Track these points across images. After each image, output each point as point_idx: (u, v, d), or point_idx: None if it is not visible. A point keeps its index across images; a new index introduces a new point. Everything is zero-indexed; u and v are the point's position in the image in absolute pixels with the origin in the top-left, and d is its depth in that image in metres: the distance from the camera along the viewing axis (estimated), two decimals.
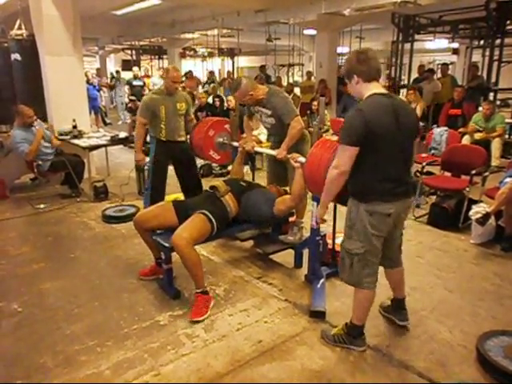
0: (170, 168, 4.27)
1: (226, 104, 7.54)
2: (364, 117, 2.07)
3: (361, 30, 10.87)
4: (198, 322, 2.70)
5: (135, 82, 11.07)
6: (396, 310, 2.68)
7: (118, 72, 14.26)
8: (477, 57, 9.12)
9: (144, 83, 11.28)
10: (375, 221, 2.21)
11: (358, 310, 2.41)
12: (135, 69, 11.90)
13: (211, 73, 13.38)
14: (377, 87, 2.20)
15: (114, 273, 3.41)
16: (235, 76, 13.69)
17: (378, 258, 2.33)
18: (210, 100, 7.95)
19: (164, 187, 4.21)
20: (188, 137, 4.18)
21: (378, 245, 2.28)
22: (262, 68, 12.32)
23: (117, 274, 3.38)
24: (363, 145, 2.09)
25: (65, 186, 5.45)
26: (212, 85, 10.32)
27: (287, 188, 3.51)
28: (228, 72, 13.89)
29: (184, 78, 9.29)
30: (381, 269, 2.47)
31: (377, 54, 2.28)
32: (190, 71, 12.36)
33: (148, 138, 4.91)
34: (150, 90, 11.47)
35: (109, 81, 14.18)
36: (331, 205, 2.41)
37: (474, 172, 4.26)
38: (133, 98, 9.64)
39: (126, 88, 11.85)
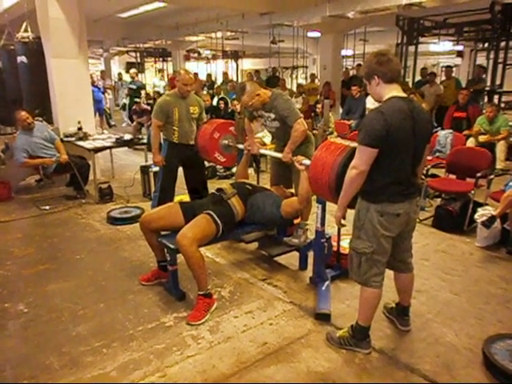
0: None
1: (230, 106, 7.56)
2: (386, 120, 2.07)
3: (365, 32, 10.85)
4: (193, 325, 2.70)
5: (130, 86, 11.03)
6: (399, 314, 2.68)
7: (120, 74, 14.31)
8: (481, 59, 9.11)
9: (139, 87, 11.25)
10: (385, 221, 2.22)
11: (364, 310, 2.41)
12: (132, 71, 11.92)
13: (209, 75, 13.47)
14: (397, 89, 2.20)
15: (120, 274, 3.41)
16: (240, 75, 13.73)
17: (386, 258, 2.34)
18: (214, 102, 7.99)
19: (173, 190, 4.26)
20: None
21: (387, 245, 2.29)
22: (274, 71, 12.38)
23: (122, 276, 3.38)
24: (380, 147, 2.09)
25: (70, 187, 5.47)
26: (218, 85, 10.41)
27: (291, 190, 3.52)
28: (225, 73, 13.74)
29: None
30: (389, 272, 2.48)
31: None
32: (195, 73, 12.40)
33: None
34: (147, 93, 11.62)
35: (112, 83, 14.25)
36: (335, 207, 2.41)
37: (479, 174, 4.26)
38: (138, 100, 9.67)
39: (126, 90, 11.87)
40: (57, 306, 2.95)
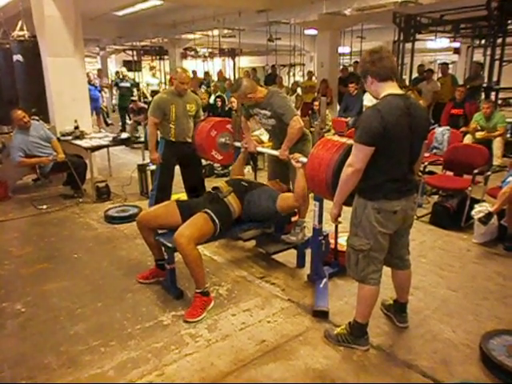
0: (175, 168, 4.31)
1: (227, 104, 7.56)
2: (382, 117, 2.07)
3: (362, 29, 10.84)
4: (190, 322, 2.70)
5: (122, 84, 10.96)
6: (397, 311, 2.69)
7: (117, 73, 14.25)
8: (478, 56, 9.11)
9: (131, 85, 11.20)
10: (382, 218, 2.22)
11: (362, 307, 2.42)
12: (123, 69, 11.87)
13: (207, 73, 13.45)
14: (392, 87, 2.19)
15: (117, 273, 3.41)
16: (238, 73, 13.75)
17: (383, 255, 2.35)
18: (211, 100, 7.98)
19: (170, 188, 4.26)
20: None
21: (384, 242, 2.29)
22: (274, 69, 12.50)
23: (120, 275, 3.38)
24: (377, 145, 2.09)
25: (67, 186, 5.46)
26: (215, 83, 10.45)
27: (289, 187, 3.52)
28: (220, 72, 13.70)
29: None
30: (386, 269, 2.48)
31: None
32: (194, 71, 12.41)
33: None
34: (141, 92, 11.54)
35: (109, 81, 14.21)
36: (331, 204, 2.41)
37: (476, 171, 4.27)
38: (134, 98, 9.64)
39: (114, 90, 11.77)
40: (54, 306, 2.95)
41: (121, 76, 11.30)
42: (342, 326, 2.53)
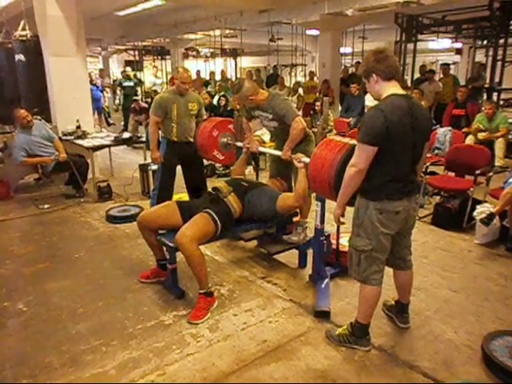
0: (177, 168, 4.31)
1: (229, 104, 7.57)
2: (385, 117, 2.07)
3: (364, 30, 10.85)
4: (195, 324, 2.69)
5: (126, 83, 10.98)
6: (398, 312, 2.69)
7: (123, 72, 14.30)
8: (480, 57, 9.10)
9: (135, 84, 11.22)
10: (384, 218, 2.22)
11: (364, 307, 2.41)
12: (128, 69, 11.91)
13: (212, 73, 13.48)
14: (395, 87, 2.20)
15: (119, 273, 3.41)
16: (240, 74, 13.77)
17: (385, 256, 2.34)
18: (215, 101, 7.99)
19: (172, 188, 4.25)
20: None
21: (386, 242, 2.29)
22: (275, 70, 12.54)
23: (121, 274, 3.38)
24: (380, 145, 2.09)
25: (69, 186, 5.46)
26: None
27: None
28: (223, 71, 13.75)
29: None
30: (388, 269, 2.48)
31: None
32: (198, 71, 12.43)
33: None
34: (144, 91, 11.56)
35: (111, 81, 14.26)
36: (334, 204, 2.41)
37: (478, 172, 4.26)
38: (137, 98, 9.65)
39: (118, 89, 11.79)
40: (56, 305, 2.95)
41: (125, 75, 11.34)
42: (344, 326, 2.53)
